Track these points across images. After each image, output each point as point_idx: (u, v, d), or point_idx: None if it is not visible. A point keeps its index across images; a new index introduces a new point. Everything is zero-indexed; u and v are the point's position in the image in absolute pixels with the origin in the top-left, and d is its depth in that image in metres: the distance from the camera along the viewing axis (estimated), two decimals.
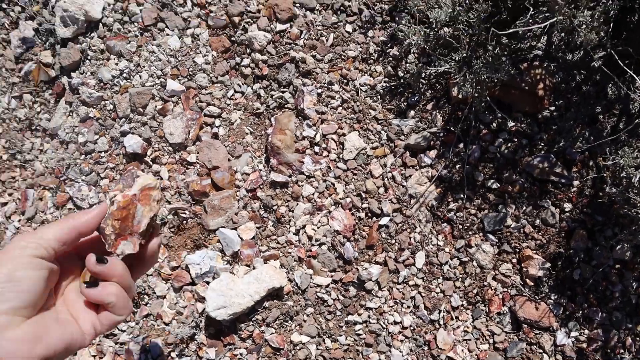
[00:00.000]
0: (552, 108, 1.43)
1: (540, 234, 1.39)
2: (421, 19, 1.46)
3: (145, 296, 1.47)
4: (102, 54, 1.61)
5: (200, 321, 1.44)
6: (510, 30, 1.18)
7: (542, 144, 1.42)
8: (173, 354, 1.43)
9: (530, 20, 1.30)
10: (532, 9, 1.28)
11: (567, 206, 1.39)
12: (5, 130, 1.74)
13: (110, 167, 1.58)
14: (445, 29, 1.40)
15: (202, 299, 1.43)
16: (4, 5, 1.76)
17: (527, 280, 1.38)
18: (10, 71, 1.76)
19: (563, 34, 1.39)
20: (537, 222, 1.40)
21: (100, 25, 1.61)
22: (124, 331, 1.48)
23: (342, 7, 1.51)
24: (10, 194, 1.71)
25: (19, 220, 1.67)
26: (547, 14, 1.25)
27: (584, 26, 1.14)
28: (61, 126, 1.64)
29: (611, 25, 1.21)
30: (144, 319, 1.47)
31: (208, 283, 1.43)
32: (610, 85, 1.45)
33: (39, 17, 1.70)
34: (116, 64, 1.59)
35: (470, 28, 1.37)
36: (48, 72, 1.68)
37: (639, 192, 1.19)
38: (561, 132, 1.42)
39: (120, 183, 0.74)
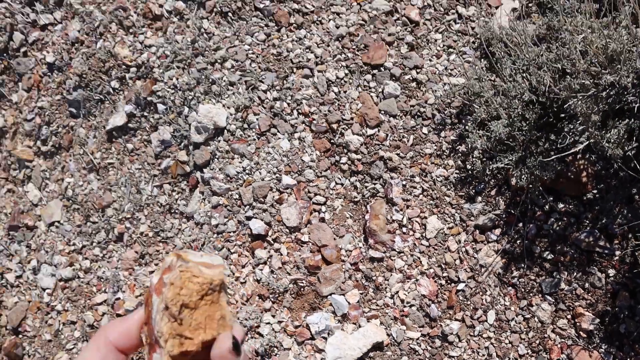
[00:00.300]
0: (595, 191, 1.78)
1: (589, 295, 1.74)
2: (483, 122, 1.84)
3: (275, 348, 1.88)
4: (227, 154, 2.05)
5: None
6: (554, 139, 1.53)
7: (587, 222, 1.76)
8: None
9: (571, 127, 1.66)
10: (568, 121, 1.64)
11: (611, 272, 1.73)
12: (150, 213, 2.21)
13: (238, 244, 2.01)
14: (503, 131, 1.77)
15: (320, 351, 1.84)
16: (145, 113, 2.23)
17: (581, 332, 1.73)
18: (151, 165, 2.22)
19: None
20: (587, 285, 1.74)
21: (225, 131, 2.05)
22: None
23: (418, 113, 1.90)
24: (155, 264, 2.17)
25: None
26: (582, 127, 1.61)
27: (612, 142, 1.49)
28: (196, 211, 2.09)
29: (634, 139, 1.55)
30: None
31: (325, 338, 1.84)
32: None
33: (174, 124, 2.16)
34: (239, 162, 2.02)
35: (523, 132, 1.74)
36: (184, 167, 2.13)
37: None
38: (603, 211, 1.77)
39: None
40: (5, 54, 2.69)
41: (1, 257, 2.62)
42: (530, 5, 1.99)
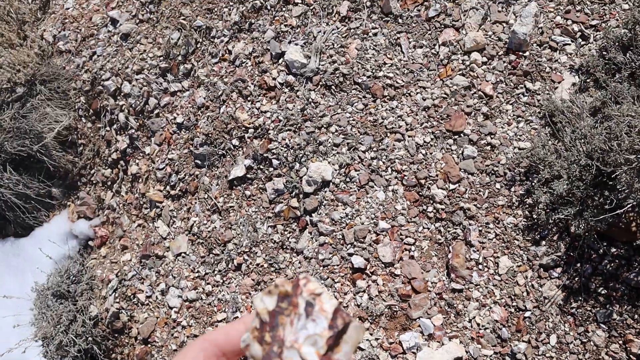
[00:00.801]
0: None
1: (638, 324, 2.11)
2: (547, 180, 2.26)
3: None
4: (332, 202, 2.54)
5: None
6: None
7: (636, 264, 2.14)
8: None
9: (619, 188, 2.06)
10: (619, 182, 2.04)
11: None
12: (265, 248, 2.71)
13: (341, 275, 2.49)
14: (563, 188, 2.18)
15: None
16: (262, 167, 2.76)
17: (631, 356, 2.09)
18: (266, 209, 2.74)
19: None
20: (635, 316, 2.11)
21: (331, 184, 2.55)
22: None
23: (492, 171, 2.35)
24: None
25: None
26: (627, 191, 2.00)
27: None
28: (305, 247, 2.58)
29: None
30: None
31: (414, 353, 2.27)
32: None
33: (287, 176, 2.68)
34: (343, 209, 2.51)
35: (581, 189, 2.15)
36: (295, 212, 2.63)
37: None
38: None
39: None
40: (141, 114, 3.30)
41: (134, 280, 3.19)
42: (588, 80, 2.41)
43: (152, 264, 3.12)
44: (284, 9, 2.91)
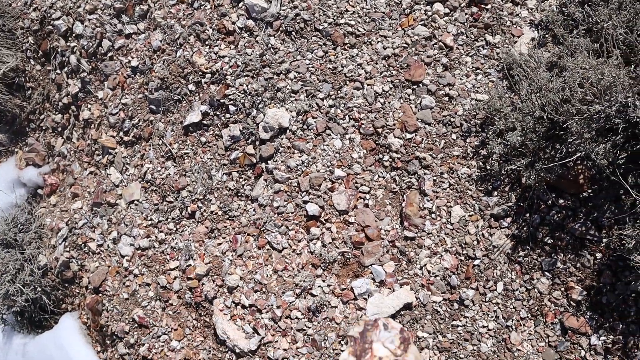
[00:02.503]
0: (589, 191, 2.22)
1: (580, 272, 2.18)
2: (502, 132, 2.28)
3: (324, 306, 2.35)
4: (289, 150, 2.51)
5: (358, 322, 2.31)
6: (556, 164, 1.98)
7: (582, 215, 2.21)
8: (343, 343, 2.31)
9: (570, 140, 2.10)
10: (570, 134, 2.08)
11: (599, 255, 2.17)
12: (219, 195, 2.67)
13: (295, 223, 2.48)
14: (517, 140, 2.21)
15: (361, 309, 2.30)
16: (218, 113, 2.70)
17: (571, 302, 2.17)
18: (222, 156, 2.69)
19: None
20: (578, 265, 2.18)
21: (288, 131, 2.51)
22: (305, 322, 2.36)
23: (449, 122, 2.35)
24: (224, 238, 2.63)
25: (232, 256, 2.58)
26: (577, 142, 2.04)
27: (600, 154, 1.93)
28: (260, 195, 2.55)
29: (617, 151, 1.99)
30: (323, 320, 2.36)
31: (365, 299, 2.30)
32: (630, 175, 2.21)
33: (243, 122, 2.62)
34: (299, 156, 2.48)
35: (534, 141, 2.18)
36: (251, 159, 2.59)
37: None
38: (595, 207, 2.21)
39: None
40: (93, 57, 3.17)
41: (85, 228, 3.10)
42: (546, 36, 2.42)
43: (104, 212, 3.04)
44: None
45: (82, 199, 3.20)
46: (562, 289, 2.19)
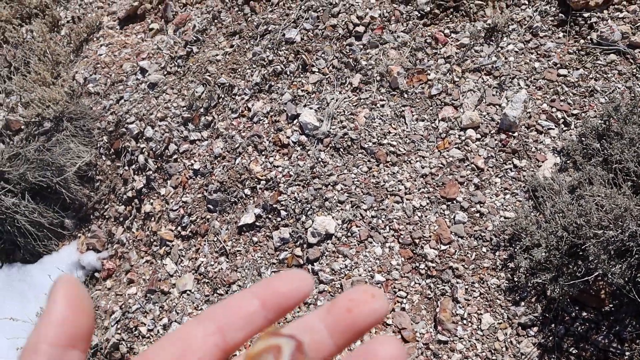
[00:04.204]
0: (611, 305, 2.42)
1: None
2: (528, 247, 2.53)
3: None
4: (333, 254, 2.79)
5: None
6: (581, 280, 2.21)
7: (604, 328, 2.39)
8: None
9: (590, 258, 2.33)
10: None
11: None
12: None
13: None
14: (542, 256, 2.45)
15: None
16: (270, 216, 3.02)
17: None
18: (271, 255, 2.98)
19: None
20: None
21: (333, 237, 2.80)
22: None
23: (480, 236, 2.62)
24: None
25: None
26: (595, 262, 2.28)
27: (616, 274, 2.16)
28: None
29: (633, 271, 2.21)
30: None
31: None
32: None
33: (293, 227, 2.93)
34: (343, 261, 2.75)
35: (557, 258, 2.42)
36: (298, 260, 2.87)
37: None
38: (617, 321, 2.40)
39: None
40: (160, 158, 3.58)
41: (137, 313, 3.37)
42: (567, 162, 2.73)
43: (157, 299, 3.31)
44: (301, 75, 3.24)
45: (137, 285, 3.49)
46: None
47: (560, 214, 2.48)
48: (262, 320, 0.42)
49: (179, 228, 3.38)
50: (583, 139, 2.73)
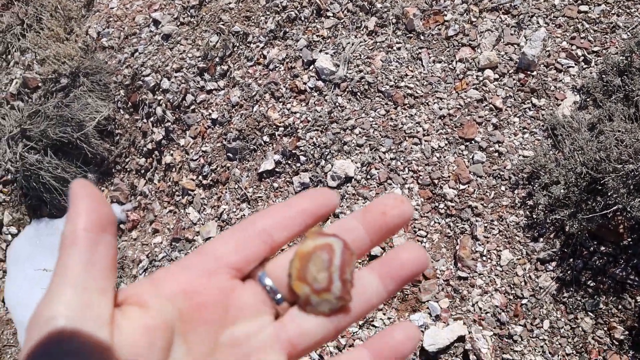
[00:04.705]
0: (629, 239, 2.46)
1: (621, 313, 2.40)
2: (547, 185, 2.56)
3: None
4: (353, 196, 2.84)
5: (416, 354, 2.57)
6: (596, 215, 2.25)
7: (622, 261, 2.44)
8: None
9: (609, 193, 2.36)
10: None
11: (639, 298, 2.39)
12: None
13: (358, 262, 2.78)
14: (561, 193, 2.48)
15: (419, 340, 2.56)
16: (290, 162, 3.06)
17: (614, 341, 2.39)
18: None
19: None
20: (620, 307, 2.41)
21: (353, 180, 2.85)
22: None
23: (498, 175, 2.65)
24: None
25: None
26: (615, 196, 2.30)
27: (635, 208, 2.19)
28: None
29: None
30: None
31: (422, 332, 2.56)
32: None
33: (312, 171, 2.97)
34: (363, 203, 2.81)
35: (576, 194, 2.45)
36: None
37: None
38: (635, 254, 2.44)
39: None
40: (177, 109, 3.61)
41: (164, 261, 3.48)
42: (587, 100, 2.72)
43: (182, 247, 3.41)
44: (316, 20, 3.22)
45: (162, 234, 3.59)
46: (605, 329, 2.41)
47: (580, 151, 2.49)
48: (302, 225, 0.49)
49: (200, 177, 3.45)
50: (603, 76, 2.71)
